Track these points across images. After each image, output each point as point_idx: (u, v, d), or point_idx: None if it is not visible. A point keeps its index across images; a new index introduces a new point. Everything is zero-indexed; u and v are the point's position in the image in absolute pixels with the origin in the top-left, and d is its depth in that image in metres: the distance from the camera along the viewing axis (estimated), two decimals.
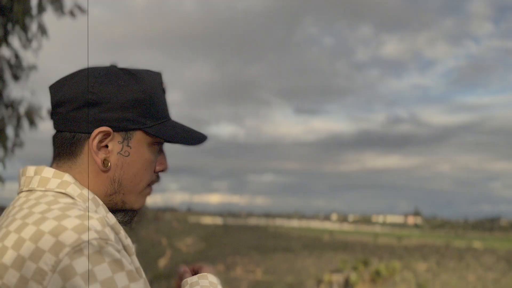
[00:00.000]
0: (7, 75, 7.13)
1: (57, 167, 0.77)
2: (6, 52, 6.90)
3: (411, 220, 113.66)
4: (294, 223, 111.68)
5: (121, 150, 0.77)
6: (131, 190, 0.80)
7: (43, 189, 0.71)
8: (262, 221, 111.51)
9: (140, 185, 0.81)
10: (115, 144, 0.76)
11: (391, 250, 78.25)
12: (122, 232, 0.73)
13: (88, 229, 0.62)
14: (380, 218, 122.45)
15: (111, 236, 0.65)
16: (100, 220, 0.65)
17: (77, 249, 0.60)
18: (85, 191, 0.74)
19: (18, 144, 7.39)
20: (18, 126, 7.11)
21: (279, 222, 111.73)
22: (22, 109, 7.20)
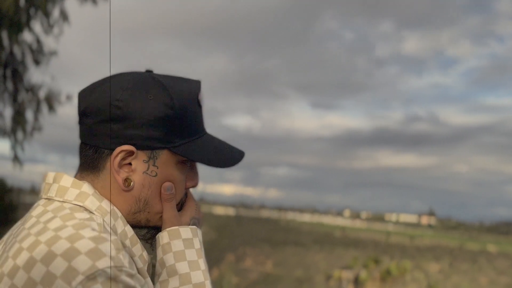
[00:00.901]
0: (28, 60, 7.25)
1: (80, 178, 0.75)
2: (28, 37, 7.01)
3: (424, 220, 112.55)
4: (306, 217, 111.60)
5: (147, 169, 0.73)
6: (158, 211, 0.76)
7: (61, 199, 0.69)
8: (274, 214, 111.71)
9: None
10: (139, 163, 0.72)
11: (403, 249, 77.64)
12: (139, 245, 0.72)
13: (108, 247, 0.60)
14: (393, 217, 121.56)
15: (126, 260, 0.62)
16: (115, 243, 0.62)
17: (91, 277, 0.57)
18: (105, 203, 0.71)
19: (37, 128, 7.50)
20: (37, 111, 7.22)
21: (291, 215, 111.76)
22: (41, 94, 7.32)
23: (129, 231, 0.73)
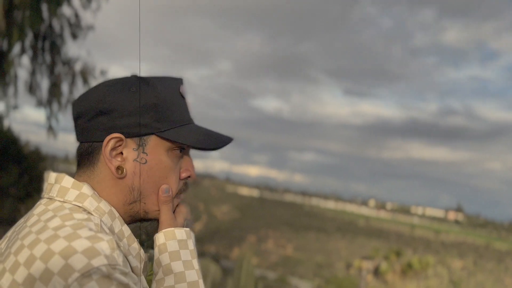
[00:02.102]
0: (66, 34, 7.41)
1: (77, 177, 0.78)
2: (67, 10, 7.15)
3: (452, 215, 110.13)
4: (330, 204, 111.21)
5: (137, 157, 0.76)
6: (152, 199, 0.79)
7: (61, 199, 0.73)
8: (298, 199, 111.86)
9: None
10: (129, 151, 0.76)
11: (427, 243, 76.56)
12: (135, 244, 0.75)
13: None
14: (420, 210, 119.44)
15: (120, 259, 0.65)
16: (110, 242, 0.65)
17: (86, 275, 0.60)
18: (103, 204, 0.74)
19: (71, 101, 7.72)
20: (72, 84, 7.42)
21: (315, 201, 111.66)
22: (77, 68, 7.49)
23: (126, 230, 0.76)
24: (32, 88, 7.09)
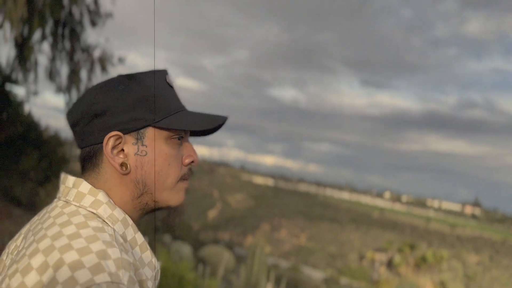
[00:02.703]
0: (86, 20, 7.48)
1: (86, 181, 0.80)
2: None
3: (468, 209, 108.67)
4: (345, 195, 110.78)
5: (138, 150, 0.78)
6: (159, 188, 0.80)
7: (77, 204, 0.75)
8: (312, 189, 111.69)
9: (168, 181, 0.81)
10: (129, 146, 0.78)
11: (442, 237, 75.81)
12: (148, 252, 0.77)
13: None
14: (436, 203, 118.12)
15: (125, 278, 0.66)
16: (116, 261, 0.66)
17: None
18: (116, 212, 0.76)
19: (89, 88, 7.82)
20: (91, 71, 7.51)
21: (329, 192, 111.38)
22: (96, 55, 7.57)
23: (139, 238, 0.78)
24: (51, 75, 7.20)
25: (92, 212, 0.74)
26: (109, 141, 0.76)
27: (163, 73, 0.84)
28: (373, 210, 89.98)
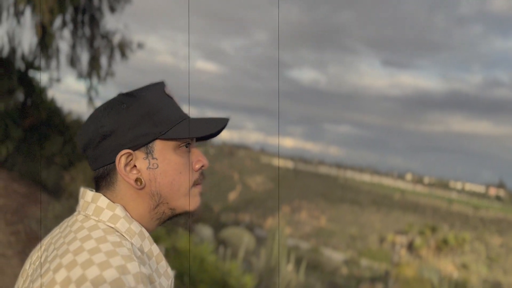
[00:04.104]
0: (105, 7, 7.53)
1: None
2: None
3: (492, 191, 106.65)
4: (366, 177, 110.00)
5: (149, 164, 0.81)
6: (174, 197, 0.84)
7: (96, 218, 0.79)
8: (332, 171, 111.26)
9: (182, 189, 0.84)
10: (141, 161, 0.81)
11: (464, 219, 74.81)
12: (163, 263, 0.82)
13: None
14: (459, 185, 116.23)
15: None
16: (135, 276, 0.70)
17: None
18: (134, 225, 0.80)
19: (110, 73, 7.92)
20: (111, 57, 7.59)
21: (350, 174, 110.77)
22: (115, 41, 7.63)
23: (155, 249, 0.82)
24: (73, 61, 7.31)
25: (110, 227, 0.78)
26: (121, 159, 0.80)
27: (161, 86, 0.87)
28: (395, 192, 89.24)
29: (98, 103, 8.15)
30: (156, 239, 5.66)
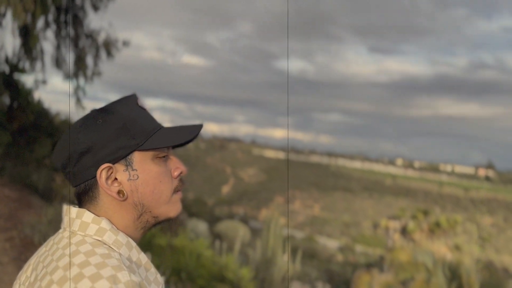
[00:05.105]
0: (88, 5, 7.43)
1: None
2: None
3: (482, 172, 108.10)
4: (357, 164, 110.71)
5: (130, 176, 0.84)
6: (156, 205, 0.87)
7: (83, 233, 0.81)
8: (324, 160, 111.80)
9: (163, 197, 0.87)
10: (121, 173, 0.83)
11: (455, 201, 75.85)
12: (152, 270, 0.84)
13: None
14: (448, 167, 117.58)
15: None
16: (126, 284, 0.72)
17: None
18: (120, 236, 0.82)
19: (97, 73, 7.85)
20: (96, 56, 7.52)
21: (341, 162, 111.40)
22: (100, 40, 7.55)
23: (143, 258, 0.84)
24: (58, 62, 7.23)
25: (98, 240, 0.80)
26: (102, 173, 0.82)
27: (133, 98, 0.89)
28: (386, 177, 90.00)
29: (86, 103, 8.09)
30: (152, 237, 5.67)
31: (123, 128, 0.82)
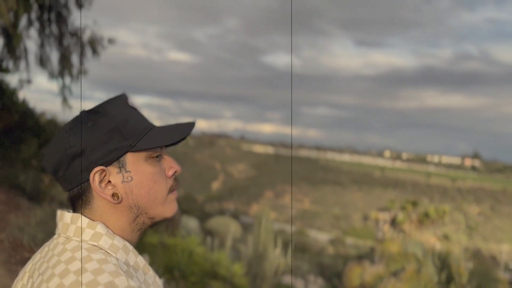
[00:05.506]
0: (71, 3, 7.32)
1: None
2: None
3: (468, 162, 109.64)
4: (345, 157, 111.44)
5: (124, 178, 0.81)
6: (152, 206, 0.85)
7: (78, 239, 0.79)
8: (313, 153, 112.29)
9: (158, 197, 0.85)
10: (115, 176, 0.81)
11: (443, 191, 76.87)
12: (151, 273, 0.83)
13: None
14: (436, 158, 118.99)
15: None
16: None
17: None
18: (116, 240, 0.80)
19: (83, 71, 7.75)
20: (82, 54, 7.41)
21: (330, 155, 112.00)
22: (85, 38, 7.45)
23: (141, 261, 0.82)
24: (42, 61, 7.11)
25: (94, 245, 0.78)
26: (95, 177, 0.80)
27: (123, 98, 0.87)
28: (374, 169, 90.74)
29: (73, 102, 7.99)
30: (143, 236, 5.64)
31: (115, 130, 0.80)
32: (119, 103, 0.85)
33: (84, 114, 0.83)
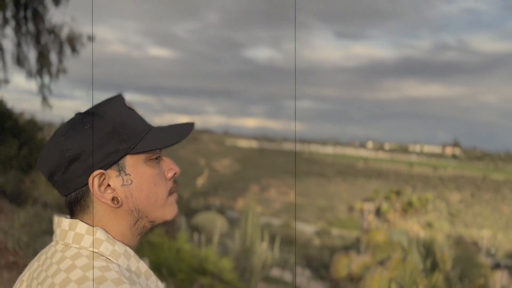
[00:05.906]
0: (48, 0, 7.15)
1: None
2: None
3: (449, 150, 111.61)
4: (329, 149, 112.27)
5: (123, 181, 0.79)
6: (152, 209, 0.82)
7: (77, 246, 0.76)
8: (296, 146, 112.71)
9: (159, 200, 0.83)
10: (114, 179, 0.78)
11: (425, 179, 78.27)
12: (153, 278, 0.80)
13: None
14: (417, 148, 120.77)
15: None
16: None
17: None
18: (117, 246, 0.78)
19: (62, 70, 7.60)
20: (60, 52, 7.26)
21: (313, 148, 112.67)
22: (63, 35, 7.30)
23: (143, 266, 0.80)
24: (20, 60, 6.93)
25: (94, 252, 0.75)
26: (94, 180, 0.77)
27: (120, 99, 0.84)
28: (358, 160, 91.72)
29: (52, 101, 7.84)
30: None
31: (113, 132, 0.77)
32: (116, 104, 0.82)
33: (80, 116, 0.80)
